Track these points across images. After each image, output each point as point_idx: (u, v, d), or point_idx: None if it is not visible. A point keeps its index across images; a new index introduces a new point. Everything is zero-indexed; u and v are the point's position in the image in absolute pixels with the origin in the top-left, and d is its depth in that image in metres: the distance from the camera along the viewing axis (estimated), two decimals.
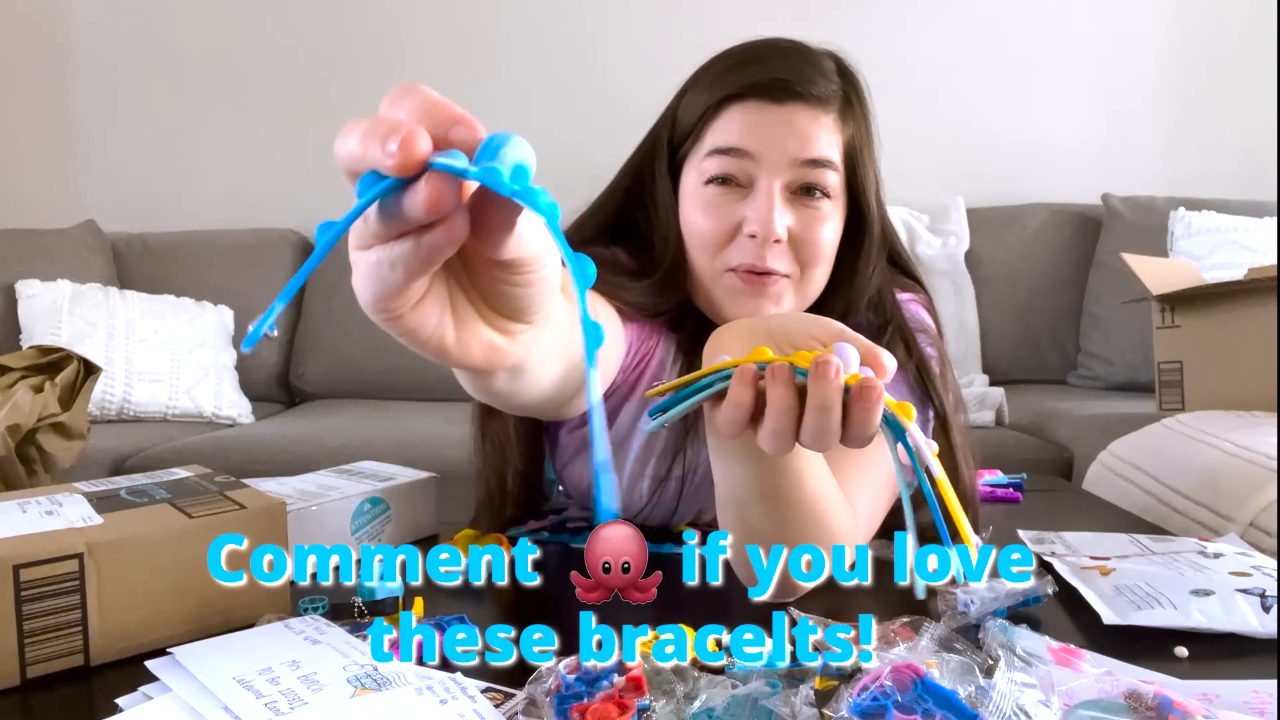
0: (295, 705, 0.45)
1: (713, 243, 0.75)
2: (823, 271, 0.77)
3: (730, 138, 0.74)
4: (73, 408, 1.26)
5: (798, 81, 0.73)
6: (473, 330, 0.37)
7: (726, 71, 0.76)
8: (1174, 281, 1.54)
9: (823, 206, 0.75)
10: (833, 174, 0.75)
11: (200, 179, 2.69)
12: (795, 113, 0.73)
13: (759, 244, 0.73)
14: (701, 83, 0.78)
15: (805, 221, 0.74)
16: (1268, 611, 0.59)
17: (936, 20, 2.59)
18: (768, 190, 0.72)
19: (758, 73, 0.74)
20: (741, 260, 0.74)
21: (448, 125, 0.30)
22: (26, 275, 2.23)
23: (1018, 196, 2.50)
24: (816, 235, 0.74)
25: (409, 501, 0.84)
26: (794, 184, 0.74)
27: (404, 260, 0.31)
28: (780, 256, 0.73)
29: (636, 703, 0.45)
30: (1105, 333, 2.24)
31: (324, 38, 2.66)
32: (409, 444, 1.69)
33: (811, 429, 0.47)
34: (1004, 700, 0.43)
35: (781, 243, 0.73)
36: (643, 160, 0.82)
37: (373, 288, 0.33)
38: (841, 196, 0.77)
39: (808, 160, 0.73)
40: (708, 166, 0.75)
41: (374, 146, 0.29)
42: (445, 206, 0.30)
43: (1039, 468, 1.62)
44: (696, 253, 0.77)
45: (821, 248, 0.75)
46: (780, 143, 0.73)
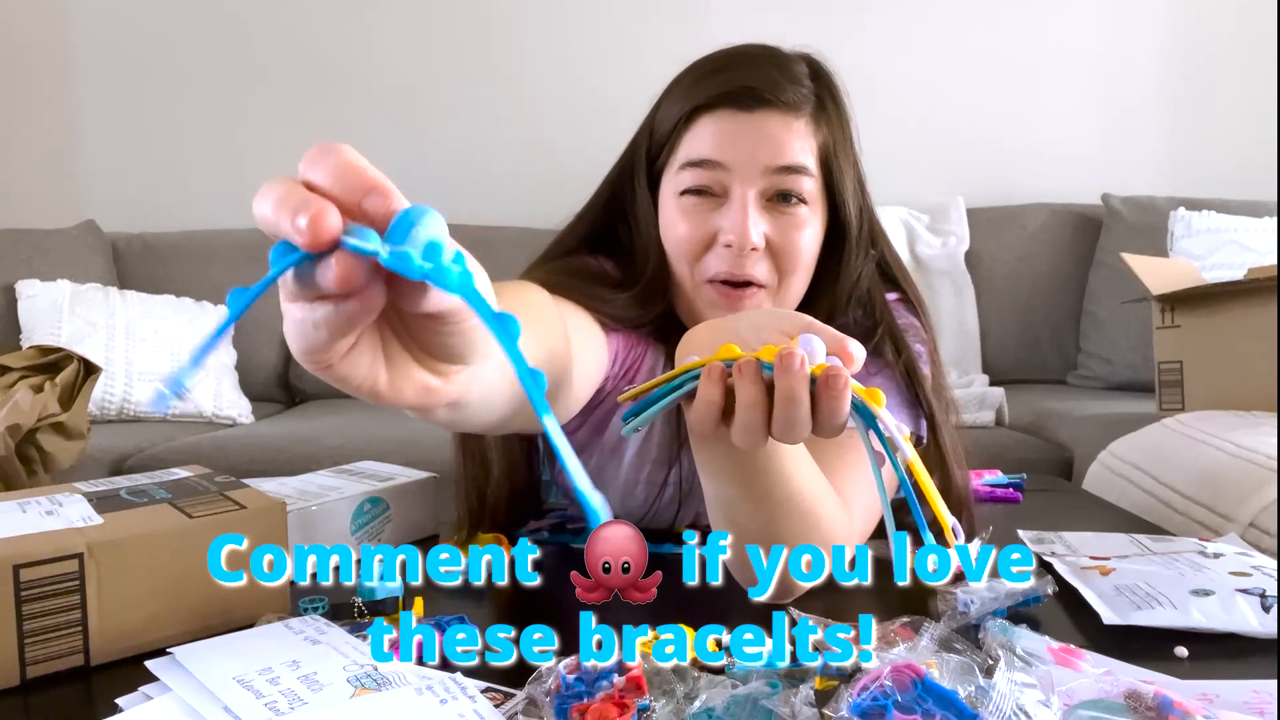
0: (295, 705, 0.45)
1: (690, 253, 0.75)
2: (801, 279, 0.76)
3: (702, 149, 0.74)
4: (73, 408, 1.26)
5: (767, 88, 0.73)
6: (406, 373, 0.37)
7: (696, 82, 0.76)
8: (1174, 281, 1.54)
9: (799, 212, 0.74)
10: (807, 180, 0.74)
11: (200, 179, 2.69)
12: (766, 120, 0.73)
13: (735, 253, 0.73)
14: (674, 94, 0.78)
15: (782, 228, 0.74)
16: (1268, 611, 0.59)
17: (937, 21, 2.59)
18: (742, 199, 0.72)
19: (726, 81, 0.74)
20: (719, 269, 0.74)
21: (362, 193, 0.30)
22: (26, 275, 2.23)
23: (1018, 196, 2.50)
24: (794, 242, 0.74)
25: (409, 501, 0.84)
26: (769, 191, 0.74)
27: (325, 322, 0.32)
28: (758, 264, 0.74)
29: (636, 703, 0.45)
30: (1105, 333, 2.24)
31: (324, 38, 2.66)
32: (409, 444, 1.69)
33: (781, 421, 0.47)
34: (1004, 700, 0.43)
35: (759, 250, 0.73)
36: (621, 173, 0.83)
37: (299, 342, 0.33)
38: (819, 202, 0.76)
39: (781, 167, 0.73)
40: (682, 179, 0.75)
41: (285, 219, 0.29)
42: (356, 282, 0.30)
43: (1039, 468, 1.61)
44: (677, 264, 0.77)
45: (799, 254, 0.75)
46: (752, 151, 0.73)
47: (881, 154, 2.56)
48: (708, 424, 0.49)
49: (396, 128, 2.66)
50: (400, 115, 2.65)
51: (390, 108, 2.66)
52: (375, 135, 2.66)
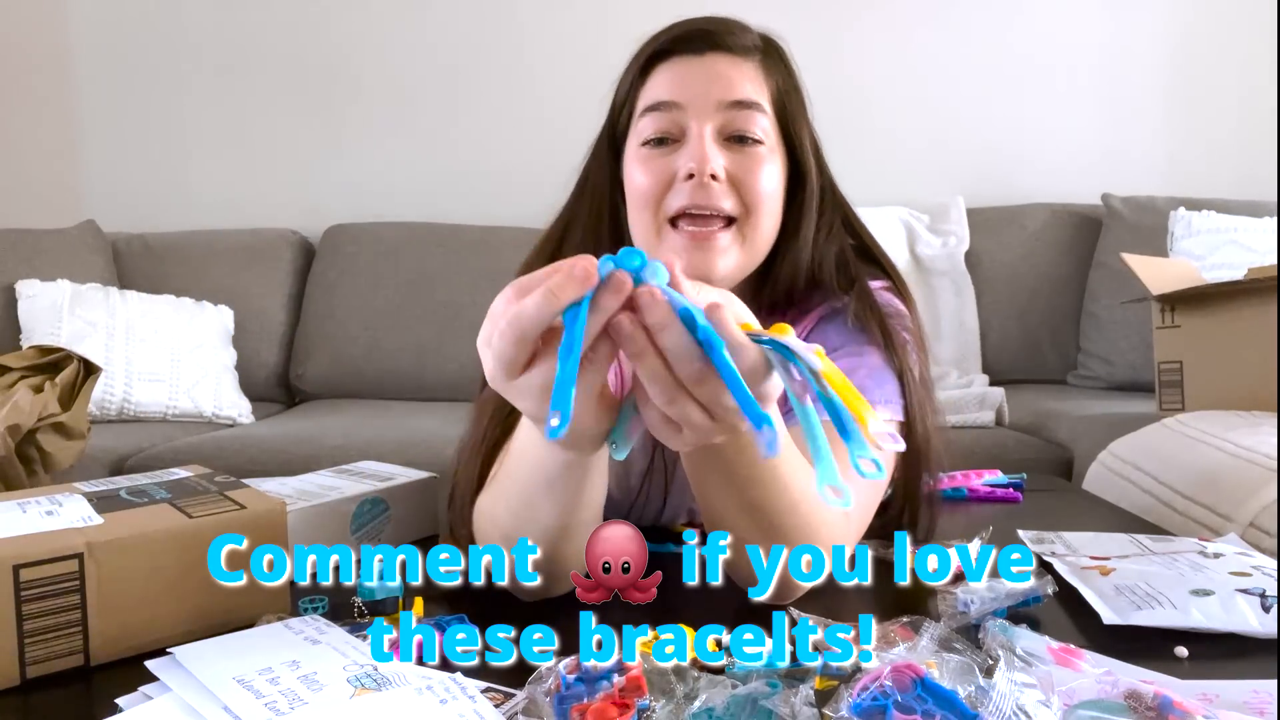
0: (295, 705, 0.45)
1: (652, 195, 0.75)
2: (768, 220, 0.76)
3: (659, 93, 0.76)
4: (73, 408, 1.26)
5: (716, 34, 0.76)
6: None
7: (649, 41, 0.79)
8: (1174, 281, 1.54)
9: (758, 150, 0.75)
10: (762, 118, 0.75)
11: (200, 179, 2.69)
12: (717, 61, 0.76)
13: (697, 183, 0.73)
14: (630, 64, 0.80)
15: (741, 164, 0.74)
16: (1268, 611, 0.59)
17: (937, 21, 2.59)
18: (699, 133, 0.74)
19: (676, 29, 0.78)
20: (681, 203, 0.73)
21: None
22: (26, 275, 2.23)
23: (1018, 196, 2.49)
24: (755, 177, 0.74)
25: (409, 501, 0.83)
26: (725, 129, 0.75)
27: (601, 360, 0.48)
28: (722, 197, 0.73)
29: (636, 703, 0.45)
30: (1105, 333, 2.24)
31: (324, 38, 2.66)
32: (409, 444, 1.69)
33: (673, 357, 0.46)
34: (1004, 700, 0.43)
35: (720, 181, 0.73)
36: (592, 156, 0.84)
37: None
38: (778, 148, 0.77)
39: (734, 102, 0.74)
40: (642, 128, 0.76)
41: (561, 283, 0.44)
42: (626, 287, 0.45)
43: (1039, 468, 1.61)
44: (640, 214, 0.76)
45: (761, 190, 0.74)
46: (705, 89, 0.74)
47: (882, 154, 2.59)
48: (660, 423, 0.49)
49: (397, 128, 2.66)
50: (401, 115, 2.65)
51: (391, 108, 2.66)
52: (375, 135, 2.66)
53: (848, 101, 2.52)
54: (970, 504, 1.01)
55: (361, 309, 2.39)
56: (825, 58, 2.54)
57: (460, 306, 2.32)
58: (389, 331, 2.37)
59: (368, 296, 2.40)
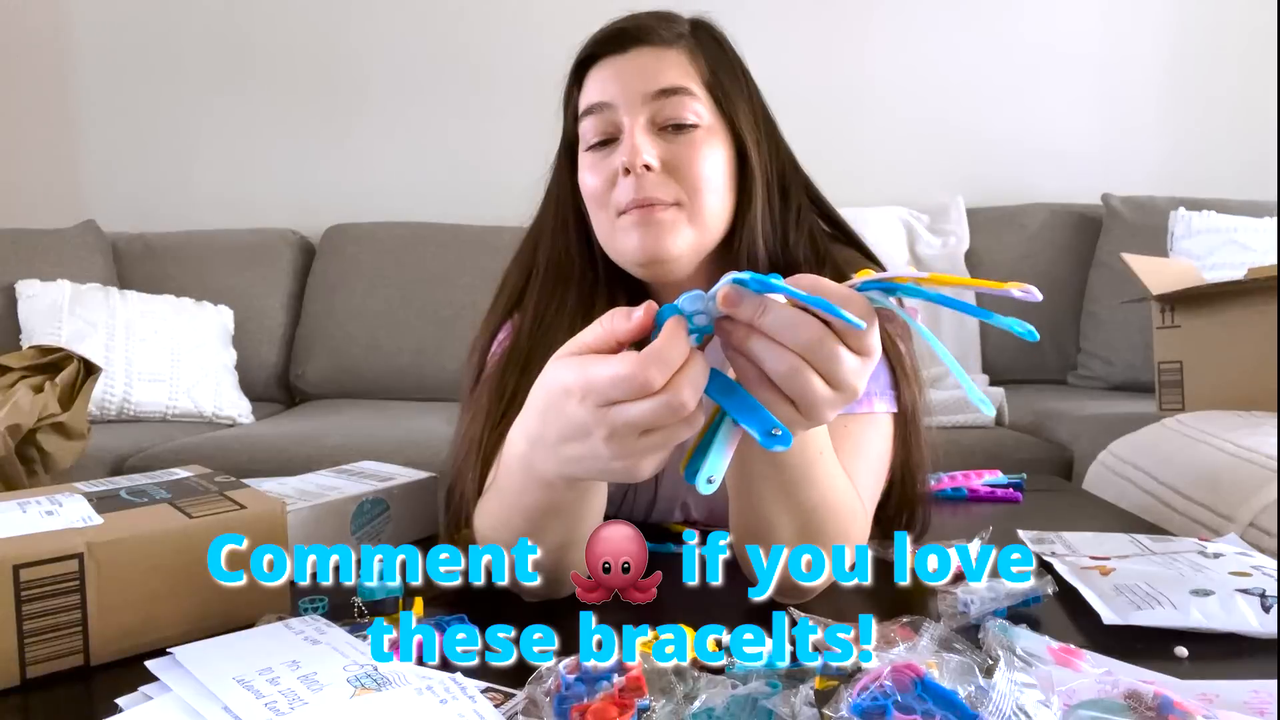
0: (295, 705, 0.45)
1: (601, 195, 0.77)
2: (714, 199, 0.76)
3: (591, 96, 0.78)
4: (73, 408, 1.26)
5: (638, 29, 0.78)
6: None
7: (580, 50, 0.81)
8: (1174, 281, 1.54)
9: (694, 135, 0.76)
10: (693, 101, 0.76)
11: (200, 179, 2.69)
12: (640, 55, 0.77)
13: (633, 178, 0.74)
14: (569, 75, 0.83)
15: (676, 151, 0.75)
16: (1268, 611, 0.59)
17: (937, 21, 2.58)
18: (630, 128, 0.75)
19: (600, 33, 0.80)
20: (624, 198, 0.75)
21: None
22: (26, 275, 2.23)
23: (1018, 196, 2.49)
24: (690, 160, 0.75)
25: (409, 501, 0.84)
26: (658, 119, 0.75)
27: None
28: (659, 186, 0.74)
29: (636, 703, 0.45)
30: (1105, 333, 2.24)
31: (324, 38, 2.66)
32: (409, 444, 1.69)
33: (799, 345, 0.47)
34: (1004, 700, 0.43)
35: (655, 171, 0.74)
36: (552, 174, 0.86)
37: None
38: (719, 131, 0.77)
39: (659, 91, 0.75)
40: (584, 133, 0.78)
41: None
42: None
43: (1039, 468, 1.62)
44: (596, 214, 0.79)
45: (699, 174, 0.75)
46: (631, 83, 0.76)
47: (881, 154, 2.59)
48: (784, 411, 0.48)
49: (397, 128, 2.66)
50: (401, 115, 2.65)
51: (391, 108, 2.66)
52: (376, 135, 2.66)
53: (848, 101, 2.52)
54: (970, 504, 1.01)
55: (361, 309, 2.39)
56: (825, 58, 2.54)
57: (460, 306, 2.32)
58: (389, 331, 2.37)
59: (368, 296, 2.40)
